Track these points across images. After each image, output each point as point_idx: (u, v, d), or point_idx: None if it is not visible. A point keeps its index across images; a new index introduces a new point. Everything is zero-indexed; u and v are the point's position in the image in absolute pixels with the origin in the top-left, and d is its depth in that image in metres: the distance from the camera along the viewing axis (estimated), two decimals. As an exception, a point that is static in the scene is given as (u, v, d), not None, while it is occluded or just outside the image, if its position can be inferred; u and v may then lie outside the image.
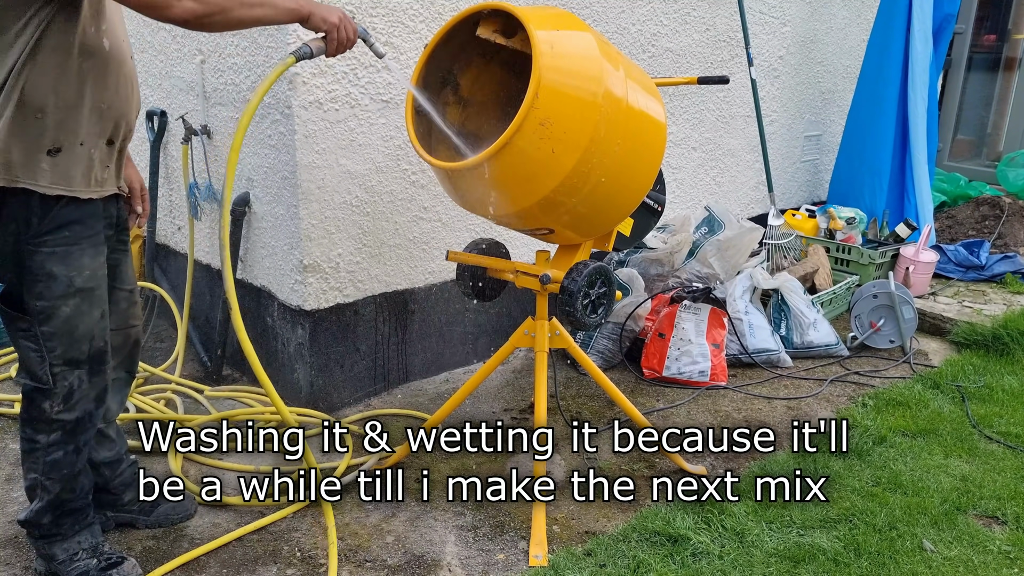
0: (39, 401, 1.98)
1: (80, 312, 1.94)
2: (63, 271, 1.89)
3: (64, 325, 1.92)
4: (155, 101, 3.57)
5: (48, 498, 2.06)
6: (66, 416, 2.00)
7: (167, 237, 3.80)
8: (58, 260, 1.88)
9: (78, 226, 1.90)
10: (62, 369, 1.96)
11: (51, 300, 1.90)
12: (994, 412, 3.19)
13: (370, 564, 2.28)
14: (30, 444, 2.02)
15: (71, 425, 2.01)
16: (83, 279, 1.92)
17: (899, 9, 4.63)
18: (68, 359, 1.96)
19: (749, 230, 3.84)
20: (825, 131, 5.28)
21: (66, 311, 1.92)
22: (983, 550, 2.37)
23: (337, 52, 2.06)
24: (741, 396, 3.36)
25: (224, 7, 1.78)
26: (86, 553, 2.13)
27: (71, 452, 2.04)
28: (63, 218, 1.87)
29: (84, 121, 1.85)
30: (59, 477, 2.05)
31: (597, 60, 2.14)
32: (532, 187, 2.15)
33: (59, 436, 2.01)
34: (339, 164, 2.93)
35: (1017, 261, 4.67)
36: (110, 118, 1.92)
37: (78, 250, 1.91)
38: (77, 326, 1.94)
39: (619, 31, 3.76)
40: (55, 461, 2.03)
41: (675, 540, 2.35)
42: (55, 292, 1.89)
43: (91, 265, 1.94)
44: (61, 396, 1.98)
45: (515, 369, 3.55)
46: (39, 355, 1.94)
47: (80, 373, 1.99)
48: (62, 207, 1.86)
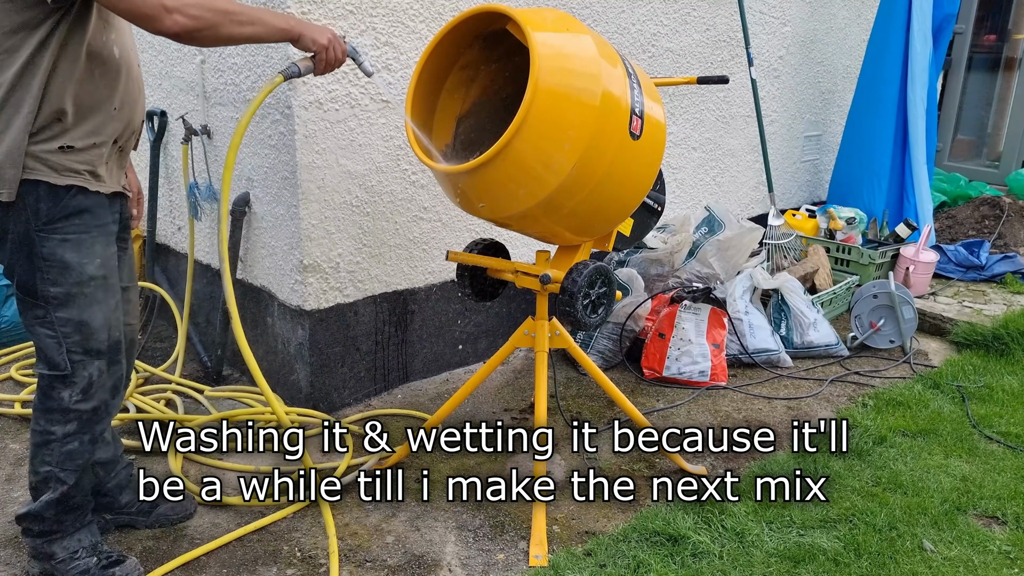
0: (58, 390, 2.01)
1: (96, 300, 1.98)
2: (76, 258, 1.93)
3: (81, 313, 1.96)
4: (155, 101, 3.57)
5: (62, 489, 2.07)
6: (83, 406, 2.03)
7: (167, 237, 3.80)
8: (71, 247, 1.92)
9: (88, 215, 1.95)
10: (82, 358, 1.99)
11: (66, 286, 1.94)
12: (994, 412, 3.19)
13: (370, 564, 2.28)
14: (44, 436, 2.04)
15: (88, 415, 2.04)
16: (95, 267, 1.97)
17: (899, 9, 4.63)
18: (88, 348, 1.99)
19: (749, 230, 3.84)
20: (825, 131, 5.28)
21: (81, 299, 1.96)
22: (983, 550, 2.37)
23: (325, 71, 2.11)
24: (741, 396, 3.36)
25: (214, 23, 1.82)
26: (86, 552, 2.14)
27: (87, 442, 2.07)
28: (74, 207, 1.92)
29: (98, 123, 1.92)
30: (74, 468, 2.07)
31: (595, 61, 2.14)
32: (532, 189, 2.15)
33: (75, 426, 2.04)
34: (339, 164, 2.93)
35: (1017, 261, 4.67)
36: (120, 120, 1.99)
37: (90, 238, 1.95)
38: (96, 315, 1.99)
39: (619, 31, 3.76)
40: (71, 451, 2.05)
41: (675, 540, 2.35)
42: (70, 279, 1.93)
43: (103, 253, 1.99)
44: (80, 386, 2.01)
45: (515, 369, 3.55)
46: (56, 341, 1.97)
47: (100, 363, 2.03)
48: (72, 196, 1.91)
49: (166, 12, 1.75)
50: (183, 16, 1.77)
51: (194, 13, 1.78)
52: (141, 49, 3.52)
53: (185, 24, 1.78)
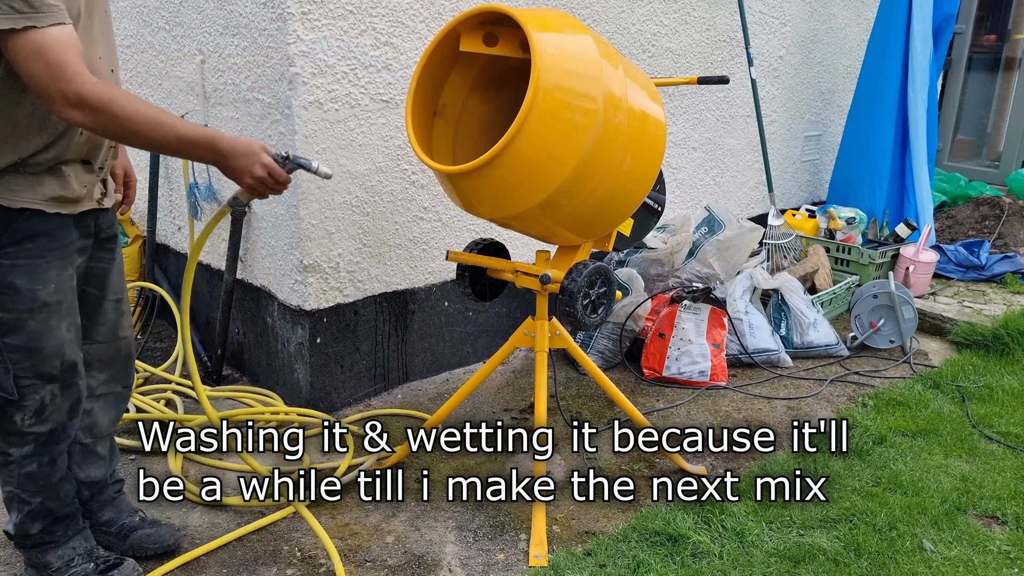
0: (9, 414, 1.92)
1: (48, 327, 1.87)
2: (27, 284, 1.83)
3: (31, 340, 1.86)
4: (155, 101, 3.57)
5: (28, 509, 2.01)
6: (38, 428, 1.94)
7: (167, 237, 3.80)
8: (23, 273, 1.82)
9: (45, 239, 1.84)
10: (32, 383, 1.90)
11: (15, 313, 1.83)
12: (994, 412, 3.19)
13: (370, 564, 2.28)
14: (3, 456, 1.97)
15: (44, 437, 1.96)
16: (48, 292, 1.86)
17: (899, 9, 4.63)
18: (39, 373, 1.90)
19: (749, 230, 3.84)
20: (825, 131, 5.28)
21: (32, 325, 1.85)
22: (983, 550, 2.37)
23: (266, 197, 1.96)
24: (741, 396, 3.36)
25: (113, 129, 1.69)
26: (82, 558, 2.10)
27: (46, 464, 1.99)
28: (28, 230, 1.81)
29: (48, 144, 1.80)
30: (36, 489, 2.00)
31: (596, 61, 2.14)
32: (533, 189, 2.15)
33: (32, 448, 1.96)
34: (339, 164, 2.93)
35: (1017, 261, 4.67)
36: (84, 142, 1.87)
37: (44, 263, 1.84)
38: (46, 342, 1.88)
39: (619, 31, 3.76)
40: (30, 474, 1.98)
41: (675, 540, 2.35)
42: (19, 305, 1.83)
43: (58, 279, 1.87)
44: (32, 409, 1.92)
45: (515, 369, 3.55)
46: (3, 368, 1.88)
47: (52, 388, 1.93)
48: (26, 219, 1.81)
49: (66, 103, 1.63)
50: (80, 113, 1.65)
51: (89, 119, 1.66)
52: (141, 49, 3.53)
53: (81, 121, 1.66)
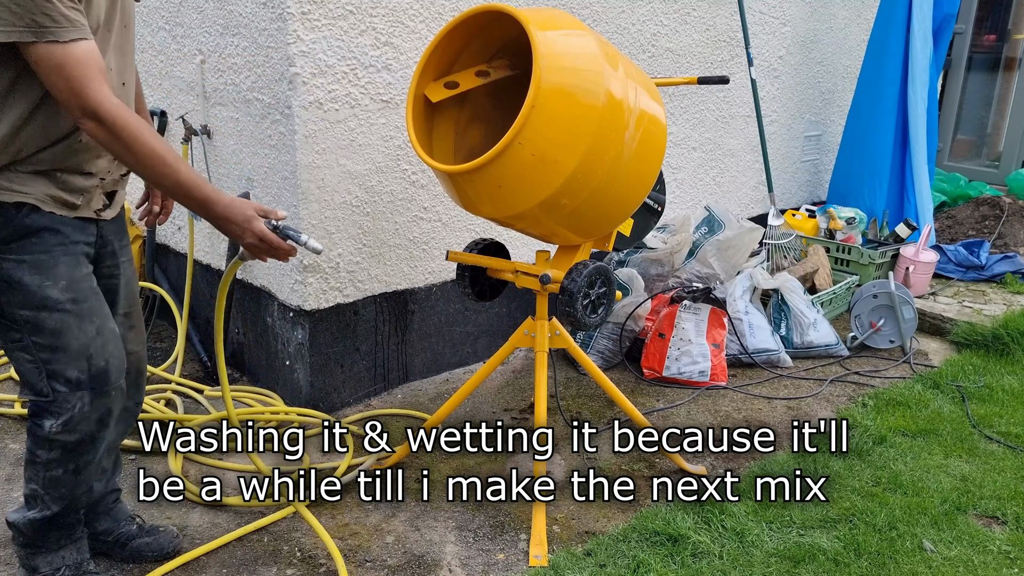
0: (40, 417, 1.93)
1: (66, 326, 1.86)
2: (36, 281, 1.82)
3: (53, 339, 1.86)
4: (155, 101, 3.57)
5: (48, 514, 2.01)
6: (65, 437, 1.93)
7: (167, 237, 3.80)
8: (28, 269, 1.81)
9: (47, 234, 1.83)
10: (64, 389, 1.90)
11: (31, 309, 1.83)
12: (994, 412, 3.19)
13: (370, 564, 2.28)
14: (32, 455, 1.98)
15: (72, 445, 1.95)
16: (59, 289, 1.84)
17: (899, 9, 4.63)
18: (67, 378, 1.89)
19: (749, 230, 3.84)
20: (825, 131, 5.28)
21: (51, 323, 1.85)
22: (983, 550, 2.37)
23: None
24: (741, 396, 3.36)
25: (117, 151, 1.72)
26: (69, 570, 2.08)
27: (71, 472, 1.98)
28: (29, 226, 1.80)
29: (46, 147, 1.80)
30: (58, 495, 2.00)
31: (597, 61, 2.14)
32: (534, 189, 2.15)
33: (59, 454, 1.95)
34: (339, 164, 2.93)
35: (1017, 261, 4.67)
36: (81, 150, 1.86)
37: (50, 259, 1.83)
38: (69, 342, 1.87)
39: (619, 31, 3.76)
40: (55, 479, 1.97)
41: (675, 540, 2.35)
42: (32, 301, 1.83)
43: (68, 275, 1.86)
44: (63, 418, 1.91)
45: (515, 369, 3.55)
46: (35, 367, 1.89)
47: (82, 395, 1.91)
48: (25, 215, 1.80)
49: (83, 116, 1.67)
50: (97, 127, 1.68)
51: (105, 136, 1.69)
52: (141, 49, 3.53)
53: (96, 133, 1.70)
